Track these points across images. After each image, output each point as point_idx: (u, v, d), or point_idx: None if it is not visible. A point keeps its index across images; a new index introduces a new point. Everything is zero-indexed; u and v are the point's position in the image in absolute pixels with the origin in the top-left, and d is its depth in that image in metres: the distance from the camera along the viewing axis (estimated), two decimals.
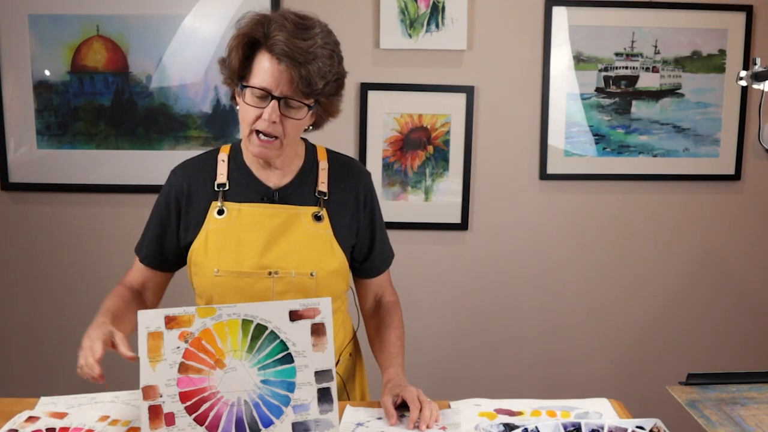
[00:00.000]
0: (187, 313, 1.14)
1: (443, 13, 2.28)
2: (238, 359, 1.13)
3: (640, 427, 1.15)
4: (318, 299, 1.17)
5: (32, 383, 2.44)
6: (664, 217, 2.44)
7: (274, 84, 1.25)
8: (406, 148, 2.35)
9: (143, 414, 1.12)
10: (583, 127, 2.37)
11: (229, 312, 1.14)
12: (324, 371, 1.15)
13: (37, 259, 2.39)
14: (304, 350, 1.15)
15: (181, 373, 1.13)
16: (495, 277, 2.44)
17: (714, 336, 2.52)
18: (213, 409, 1.13)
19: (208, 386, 1.13)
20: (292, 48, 1.24)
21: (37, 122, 2.31)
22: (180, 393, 1.13)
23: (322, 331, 1.16)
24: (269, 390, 1.14)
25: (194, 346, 1.13)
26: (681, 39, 2.35)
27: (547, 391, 2.47)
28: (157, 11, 2.27)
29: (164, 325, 1.13)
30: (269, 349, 1.14)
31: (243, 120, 1.30)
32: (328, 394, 1.15)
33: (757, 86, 1.57)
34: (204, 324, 1.13)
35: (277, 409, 1.14)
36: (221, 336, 1.13)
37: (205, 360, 1.13)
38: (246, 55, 1.29)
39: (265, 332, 1.14)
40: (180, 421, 1.12)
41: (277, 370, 1.14)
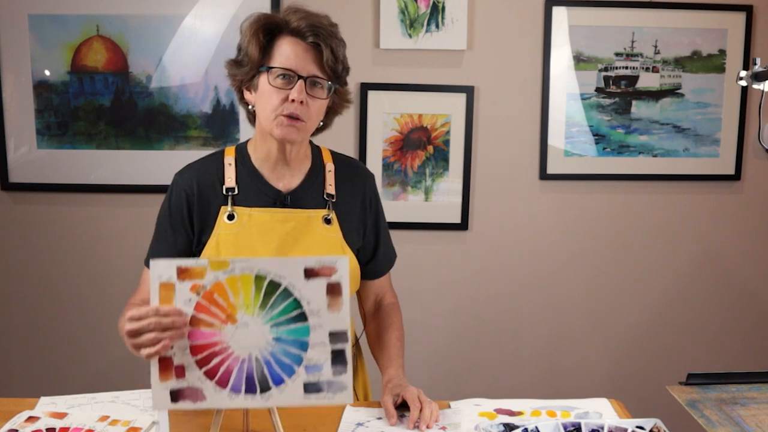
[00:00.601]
0: (199, 265, 1.10)
1: (443, 13, 2.28)
2: (250, 315, 1.10)
3: (640, 427, 1.15)
4: (335, 257, 1.12)
5: (32, 383, 2.44)
6: (664, 217, 2.45)
7: (301, 64, 1.28)
8: (406, 148, 2.35)
9: (153, 366, 1.09)
10: (583, 127, 2.37)
11: (242, 266, 1.10)
12: (338, 332, 1.11)
13: (37, 259, 2.39)
14: (319, 310, 1.11)
15: (192, 326, 1.10)
16: (495, 277, 2.44)
17: (714, 336, 2.52)
18: (224, 364, 1.10)
19: (220, 341, 1.10)
20: (316, 25, 1.28)
21: (37, 122, 2.31)
22: (191, 346, 1.10)
23: (338, 291, 1.11)
24: (281, 348, 1.11)
25: (206, 300, 1.10)
26: (681, 39, 2.35)
27: (547, 391, 2.47)
28: (157, 11, 2.27)
29: (176, 276, 1.10)
30: (282, 306, 1.11)
31: (266, 107, 1.30)
32: (342, 356, 1.11)
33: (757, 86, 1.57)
34: (216, 277, 1.10)
35: (289, 368, 1.11)
36: (234, 290, 1.10)
37: (216, 314, 1.10)
38: (265, 41, 1.30)
39: (278, 289, 1.11)
40: (190, 374, 1.10)
41: (290, 328, 1.11)
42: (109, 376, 2.43)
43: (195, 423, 1.26)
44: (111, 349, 2.42)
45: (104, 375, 2.43)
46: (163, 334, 1.06)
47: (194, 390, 1.10)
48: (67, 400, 1.32)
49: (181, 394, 1.10)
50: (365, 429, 1.24)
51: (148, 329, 1.06)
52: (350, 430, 1.23)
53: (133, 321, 1.07)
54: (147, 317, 1.06)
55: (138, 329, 1.07)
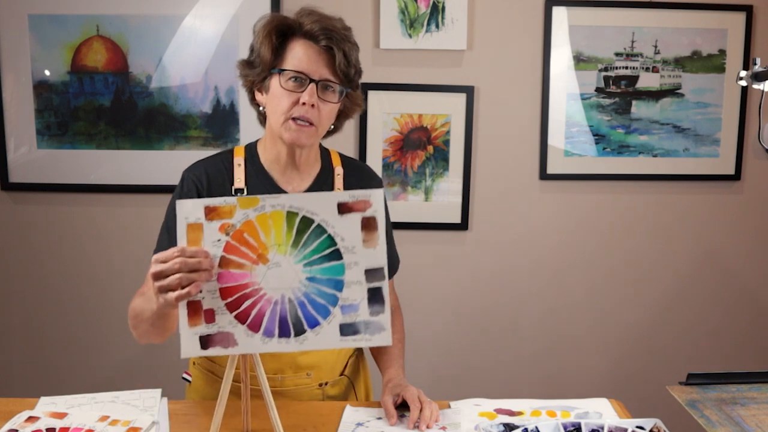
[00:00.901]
0: (228, 204, 1.05)
1: (443, 13, 2.28)
2: (282, 254, 1.05)
3: (640, 427, 1.15)
4: (370, 191, 1.07)
5: (32, 383, 2.44)
6: (664, 217, 2.44)
7: (313, 67, 1.28)
8: (406, 148, 2.35)
9: (182, 311, 1.05)
10: (583, 127, 2.37)
11: (273, 203, 1.05)
12: (375, 269, 1.06)
13: (37, 259, 2.39)
14: (354, 246, 1.06)
15: (222, 268, 1.05)
16: (495, 276, 2.44)
17: (714, 336, 2.52)
18: (255, 307, 1.05)
19: (251, 282, 1.05)
20: (330, 29, 1.28)
21: (37, 122, 2.31)
22: (220, 289, 1.05)
23: (374, 226, 1.06)
24: (316, 288, 1.06)
25: (236, 239, 1.05)
26: (681, 39, 2.35)
27: (547, 391, 2.46)
28: (157, 11, 2.27)
29: (204, 216, 1.05)
30: (316, 243, 1.06)
31: (276, 109, 1.29)
32: (379, 295, 1.06)
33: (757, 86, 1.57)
34: (246, 215, 1.05)
35: (324, 309, 1.06)
36: (264, 229, 1.05)
37: (247, 254, 1.05)
38: (278, 43, 1.30)
39: (311, 225, 1.06)
40: (220, 318, 1.05)
41: (324, 267, 1.06)
42: (109, 376, 2.43)
43: (195, 423, 1.26)
44: (111, 349, 2.43)
45: (104, 375, 2.43)
46: (190, 276, 1.02)
47: (225, 335, 1.05)
48: (67, 400, 1.32)
49: (211, 340, 1.05)
50: (365, 429, 1.24)
51: (173, 270, 1.02)
52: (350, 430, 1.23)
53: (158, 263, 1.04)
54: (172, 258, 1.03)
55: (163, 271, 1.03)
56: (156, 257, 1.05)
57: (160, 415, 1.27)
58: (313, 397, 1.42)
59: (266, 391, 1.11)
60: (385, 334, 1.07)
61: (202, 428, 1.24)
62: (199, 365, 1.47)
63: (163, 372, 2.39)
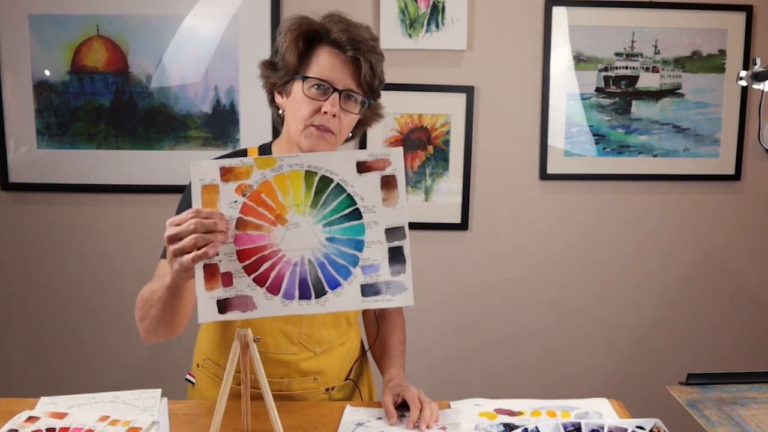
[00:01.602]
0: (244, 164, 1.02)
1: (443, 13, 2.28)
2: (301, 215, 1.03)
3: (640, 427, 1.15)
4: (389, 149, 1.06)
5: (32, 383, 2.44)
6: (664, 217, 2.44)
7: (338, 76, 1.26)
8: (406, 148, 2.35)
9: (198, 274, 1.03)
10: (583, 127, 2.37)
11: (290, 162, 1.03)
12: (396, 228, 1.05)
13: (37, 259, 2.39)
14: (374, 205, 1.04)
15: (239, 230, 1.03)
16: (495, 277, 2.44)
17: (714, 336, 2.52)
18: (274, 269, 1.03)
19: (269, 244, 1.03)
20: (358, 39, 1.26)
21: (37, 122, 2.31)
22: (238, 251, 1.03)
23: (394, 184, 1.05)
24: (336, 249, 1.04)
25: (253, 200, 1.03)
26: (681, 39, 2.35)
27: (547, 391, 2.46)
28: (157, 11, 2.27)
29: (219, 177, 1.02)
30: (335, 203, 1.04)
31: (297, 115, 1.27)
32: (401, 254, 1.05)
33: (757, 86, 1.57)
34: (263, 176, 1.03)
35: (345, 269, 1.04)
36: (282, 189, 1.03)
37: (264, 215, 1.03)
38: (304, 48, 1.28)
39: (330, 185, 1.04)
40: (238, 281, 1.03)
41: (344, 227, 1.04)
42: (109, 377, 2.43)
43: (195, 423, 1.26)
44: (111, 350, 2.42)
45: (104, 375, 2.43)
46: (206, 236, 1.00)
47: (243, 298, 1.03)
48: (67, 400, 1.32)
49: (230, 304, 1.03)
50: (365, 429, 1.24)
51: (188, 231, 1.00)
52: (350, 430, 1.23)
53: (172, 226, 1.01)
54: (187, 219, 1.00)
55: (178, 233, 1.00)
56: (170, 221, 1.02)
57: (160, 415, 1.27)
58: (319, 401, 1.42)
59: (266, 391, 1.11)
60: (407, 294, 1.05)
61: (202, 428, 1.24)
62: (203, 369, 1.46)
63: (163, 372, 2.39)
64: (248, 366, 1.13)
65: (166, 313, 1.18)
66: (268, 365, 1.34)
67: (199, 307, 1.03)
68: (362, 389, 1.53)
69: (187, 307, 1.20)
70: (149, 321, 1.22)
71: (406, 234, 1.06)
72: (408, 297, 1.06)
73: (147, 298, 1.22)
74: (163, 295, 1.15)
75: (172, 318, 1.20)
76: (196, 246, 1.00)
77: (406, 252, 1.05)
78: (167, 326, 1.22)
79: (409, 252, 1.06)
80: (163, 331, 1.23)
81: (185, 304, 1.19)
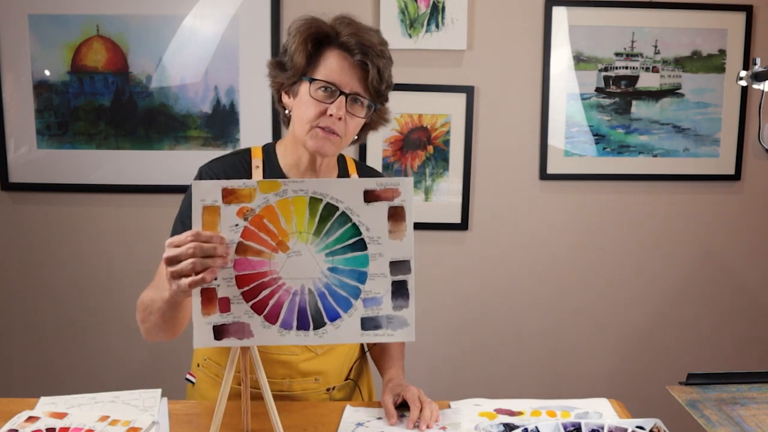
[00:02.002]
0: (247, 186, 0.99)
1: (443, 13, 2.28)
2: (303, 242, 1.00)
3: (640, 427, 1.15)
4: (398, 179, 1.02)
5: (32, 383, 2.44)
6: (664, 217, 2.44)
7: (345, 80, 1.25)
8: (406, 148, 2.35)
9: (195, 298, 1.01)
10: (583, 127, 2.37)
11: (295, 188, 1.00)
12: (401, 262, 1.02)
13: (37, 258, 2.39)
14: (380, 236, 1.02)
15: (238, 255, 1.00)
16: (495, 277, 2.44)
17: (714, 336, 2.52)
18: (273, 297, 1.01)
19: (269, 271, 1.00)
20: (367, 44, 1.25)
21: (37, 122, 2.31)
22: (237, 277, 1.00)
23: (401, 216, 1.02)
24: (337, 279, 1.02)
25: (254, 225, 1.00)
26: (681, 39, 2.35)
27: (547, 391, 2.46)
28: (157, 11, 2.27)
29: (221, 199, 0.99)
30: (339, 232, 1.01)
31: (303, 116, 1.27)
32: (404, 288, 1.02)
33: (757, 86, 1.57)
34: (266, 200, 1.00)
35: (346, 301, 1.02)
36: (285, 215, 1.00)
37: (266, 241, 1.00)
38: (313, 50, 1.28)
39: (335, 213, 1.01)
40: (236, 307, 1.00)
41: (348, 257, 1.02)
42: (109, 376, 2.43)
43: (195, 423, 1.26)
44: (111, 350, 2.43)
45: (104, 375, 2.43)
46: (205, 261, 0.98)
47: (240, 325, 1.01)
48: (67, 400, 1.32)
49: (226, 331, 1.01)
50: (365, 429, 1.24)
51: (187, 255, 0.98)
52: (350, 430, 1.23)
53: (171, 247, 1.00)
54: (186, 242, 0.98)
55: (176, 255, 0.99)
56: (170, 241, 1.01)
57: (160, 415, 1.27)
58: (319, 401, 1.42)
59: (266, 391, 1.11)
60: (408, 329, 1.03)
61: (202, 428, 1.24)
62: (204, 369, 1.46)
63: (163, 372, 2.39)
64: (248, 366, 1.13)
65: (166, 321, 1.20)
66: (269, 366, 1.35)
67: (194, 332, 1.02)
68: (362, 389, 1.54)
69: (186, 317, 1.21)
70: (149, 325, 1.24)
71: (412, 269, 1.04)
72: (409, 333, 1.04)
73: (147, 305, 1.23)
74: (162, 307, 1.16)
75: (172, 325, 1.22)
76: (194, 270, 0.99)
77: (410, 287, 1.03)
78: (167, 331, 1.24)
79: (414, 287, 1.04)
80: (164, 335, 1.25)
81: (184, 314, 1.20)
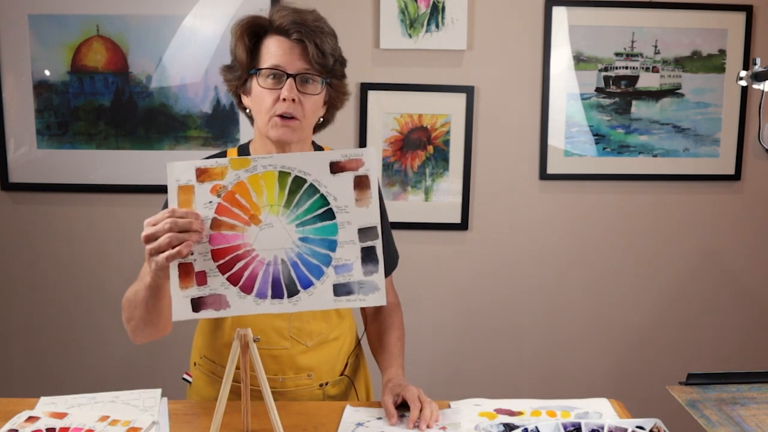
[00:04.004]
0: (219, 165, 1.05)
1: (443, 13, 2.28)
2: (274, 215, 1.05)
3: (640, 427, 1.15)
4: (362, 149, 1.07)
5: (32, 383, 2.44)
6: (664, 217, 2.44)
7: (288, 61, 1.27)
8: (406, 148, 2.35)
9: (173, 272, 1.05)
10: (583, 127, 2.37)
11: (264, 163, 1.05)
12: (368, 228, 1.06)
13: (37, 259, 2.39)
14: (347, 205, 1.06)
15: (213, 230, 1.05)
16: (495, 276, 2.44)
17: (714, 336, 2.52)
18: (248, 269, 1.05)
19: (243, 244, 1.05)
20: (301, 21, 1.27)
21: (37, 122, 2.31)
22: (212, 251, 1.05)
23: (366, 184, 1.06)
24: (308, 248, 1.06)
25: (227, 201, 1.05)
26: (681, 39, 2.35)
27: (547, 390, 2.46)
28: (157, 11, 2.27)
29: (195, 178, 1.06)
30: (308, 203, 1.06)
31: (260, 109, 1.29)
32: (373, 254, 1.06)
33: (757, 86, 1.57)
34: (238, 177, 1.05)
35: (317, 269, 1.06)
36: (256, 189, 1.05)
37: (239, 215, 1.05)
38: (252, 44, 1.30)
39: (303, 185, 1.05)
40: (212, 280, 1.05)
41: (317, 227, 1.06)
42: (109, 376, 2.43)
43: (195, 423, 1.26)
44: (111, 349, 2.43)
45: (104, 375, 2.43)
46: (180, 236, 1.02)
47: (217, 297, 1.05)
48: (67, 400, 1.32)
49: (203, 303, 1.05)
50: (365, 429, 1.24)
51: (164, 230, 1.03)
52: (350, 430, 1.23)
53: (148, 226, 1.04)
54: (162, 219, 1.04)
55: (154, 233, 1.04)
56: (148, 220, 1.05)
57: (160, 415, 1.27)
58: (313, 398, 1.42)
59: (266, 391, 1.11)
60: (379, 294, 1.07)
61: (202, 428, 1.24)
62: (200, 366, 1.46)
63: (163, 372, 2.39)
64: (248, 366, 1.13)
65: (150, 313, 1.21)
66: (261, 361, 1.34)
67: (173, 305, 1.05)
68: (358, 386, 1.53)
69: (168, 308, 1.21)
70: (135, 322, 1.25)
71: (379, 234, 1.07)
72: (380, 297, 1.07)
73: (131, 300, 1.24)
74: (146, 296, 1.18)
75: (157, 318, 1.22)
76: (171, 245, 1.03)
77: (378, 252, 1.07)
78: (153, 326, 1.24)
79: (382, 252, 1.07)
80: (150, 332, 1.26)
81: (166, 303, 1.20)
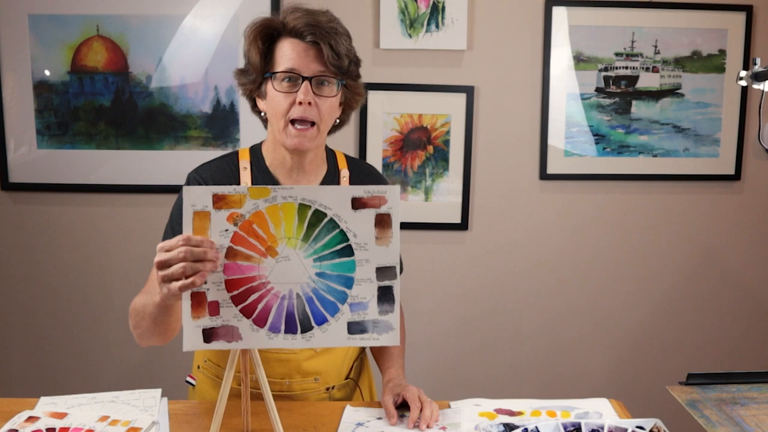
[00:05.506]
0: (237, 192, 1.02)
1: (443, 13, 2.28)
2: (292, 248, 1.03)
3: (640, 427, 1.15)
4: (385, 186, 1.05)
5: (32, 383, 2.44)
6: (664, 216, 2.44)
7: (303, 64, 1.25)
8: (406, 148, 2.35)
9: (185, 302, 1.03)
10: (583, 127, 2.37)
11: (285, 194, 1.03)
12: (387, 268, 1.05)
13: (37, 259, 2.39)
14: (366, 243, 1.04)
15: (228, 259, 1.02)
16: (495, 277, 2.44)
17: (714, 336, 2.52)
18: (262, 301, 1.03)
19: (258, 275, 1.03)
20: (315, 23, 1.25)
21: (37, 122, 2.31)
22: (226, 281, 1.03)
23: (388, 223, 1.05)
24: (325, 284, 1.04)
25: (244, 230, 1.02)
26: (681, 39, 2.35)
27: (547, 390, 2.47)
28: (157, 11, 2.27)
29: (212, 205, 1.02)
30: (327, 238, 1.04)
31: (275, 113, 1.28)
32: (390, 294, 1.05)
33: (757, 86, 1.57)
34: (256, 206, 1.02)
35: (333, 305, 1.04)
36: (275, 221, 1.02)
37: (255, 246, 1.03)
38: (266, 47, 1.28)
39: (323, 220, 1.03)
40: (225, 311, 1.03)
41: (335, 263, 1.04)
42: (109, 376, 2.43)
43: (195, 423, 1.26)
44: (111, 350, 2.43)
45: (104, 375, 2.43)
46: (195, 265, 1.00)
47: (229, 329, 1.03)
48: (67, 400, 1.32)
49: (215, 334, 1.03)
50: (365, 429, 1.24)
51: (178, 259, 1.00)
52: (350, 430, 1.23)
53: (162, 251, 1.02)
54: (177, 246, 1.01)
55: (167, 260, 1.01)
56: (161, 245, 1.03)
57: (160, 415, 1.27)
58: (320, 401, 1.42)
59: (266, 391, 1.11)
60: (393, 333, 1.06)
61: (202, 428, 1.24)
62: (204, 370, 1.46)
63: (163, 372, 2.39)
64: (248, 366, 1.13)
65: (158, 326, 1.21)
66: (268, 365, 1.35)
67: (184, 335, 1.04)
68: (363, 388, 1.53)
69: (177, 321, 1.21)
70: (142, 330, 1.25)
71: (397, 275, 1.06)
72: (394, 337, 1.06)
73: (139, 311, 1.24)
74: (154, 312, 1.17)
75: (164, 330, 1.23)
76: (184, 274, 1.00)
77: (395, 292, 1.06)
78: (160, 336, 1.25)
79: (399, 292, 1.06)
80: (156, 340, 1.26)
81: (176, 318, 1.20)
